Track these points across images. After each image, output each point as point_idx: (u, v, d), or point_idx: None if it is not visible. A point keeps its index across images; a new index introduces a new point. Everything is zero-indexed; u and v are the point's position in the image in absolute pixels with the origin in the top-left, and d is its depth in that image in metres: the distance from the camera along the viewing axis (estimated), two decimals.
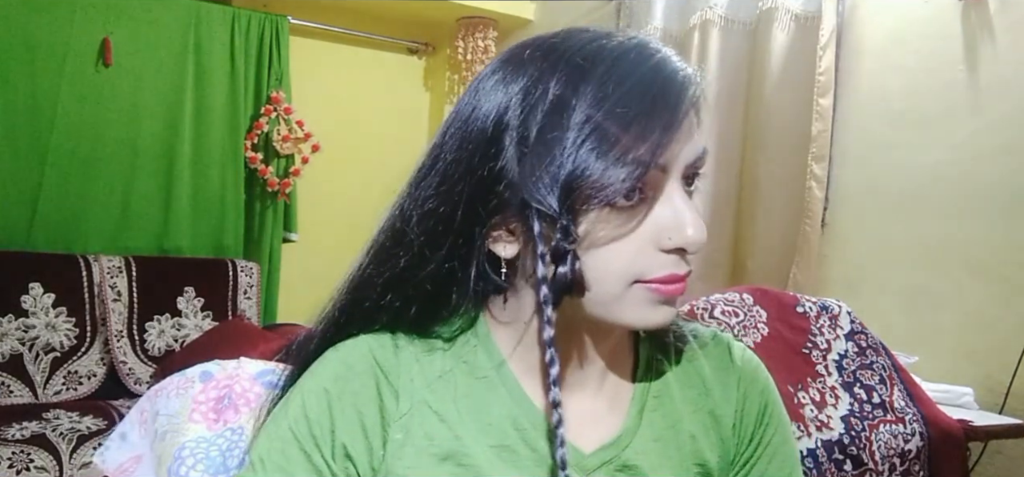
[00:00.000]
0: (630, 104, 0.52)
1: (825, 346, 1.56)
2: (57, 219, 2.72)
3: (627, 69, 0.54)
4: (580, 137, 0.52)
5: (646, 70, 0.54)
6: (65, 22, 2.69)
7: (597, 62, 0.54)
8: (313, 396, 0.60)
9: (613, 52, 0.55)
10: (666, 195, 0.55)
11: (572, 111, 0.52)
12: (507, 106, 0.55)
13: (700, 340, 0.69)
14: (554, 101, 0.53)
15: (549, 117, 0.53)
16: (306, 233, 3.25)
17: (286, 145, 3.12)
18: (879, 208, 2.03)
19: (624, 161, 0.51)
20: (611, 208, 0.53)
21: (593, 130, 0.52)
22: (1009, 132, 1.75)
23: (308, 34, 3.34)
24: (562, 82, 0.53)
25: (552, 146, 0.52)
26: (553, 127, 0.53)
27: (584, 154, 0.51)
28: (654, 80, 0.53)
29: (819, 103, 2.08)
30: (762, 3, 2.24)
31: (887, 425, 1.48)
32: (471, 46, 3.33)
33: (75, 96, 2.72)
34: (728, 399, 0.66)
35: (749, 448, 0.67)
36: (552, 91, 0.53)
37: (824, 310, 1.61)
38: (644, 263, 0.54)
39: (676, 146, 0.54)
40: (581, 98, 0.52)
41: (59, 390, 2.45)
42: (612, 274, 0.54)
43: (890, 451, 1.45)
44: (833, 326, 1.59)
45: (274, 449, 0.59)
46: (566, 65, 0.54)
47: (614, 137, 0.51)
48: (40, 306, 2.48)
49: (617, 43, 0.56)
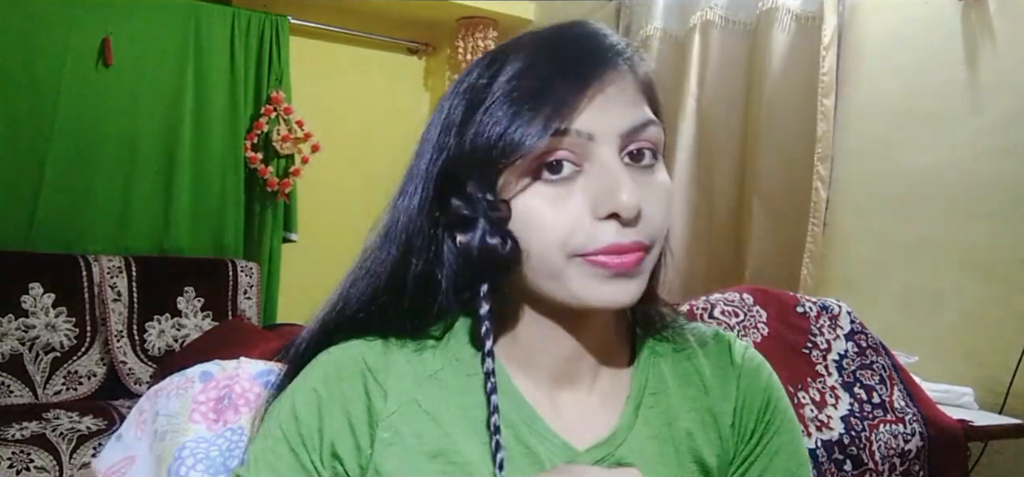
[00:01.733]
0: (542, 71, 0.54)
1: (825, 346, 1.56)
2: (57, 219, 2.72)
3: (545, 43, 0.56)
4: (493, 104, 0.54)
5: (562, 42, 0.56)
6: (65, 22, 2.69)
7: (522, 43, 0.57)
8: (302, 397, 0.61)
9: (539, 33, 0.58)
10: (599, 164, 0.54)
11: (493, 86, 0.55)
12: (451, 105, 0.58)
13: (700, 339, 0.68)
14: (481, 83, 0.56)
15: (474, 97, 0.56)
16: (306, 233, 3.25)
17: (286, 145, 3.12)
18: (879, 208, 2.03)
19: (532, 123, 0.52)
20: (542, 182, 0.54)
21: (505, 96, 0.54)
22: (1009, 132, 1.75)
23: (308, 34, 3.34)
24: (490, 65, 0.57)
25: (473, 121, 0.55)
26: (476, 105, 0.56)
27: (496, 119, 0.54)
28: (568, 49, 0.55)
29: (823, 104, 2.08)
30: (762, 3, 2.24)
31: (887, 425, 1.48)
32: (471, 46, 3.33)
33: (75, 96, 2.72)
34: (727, 396, 0.66)
35: (749, 445, 0.66)
36: (484, 76, 0.56)
37: (824, 310, 1.61)
38: (582, 235, 0.54)
39: (598, 113, 0.54)
40: (502, 73, 0.55)
41: (59, 390, 2.45)
42: (549, 246, 0.54)
43: (890, 451, 1.45)
44: (833, 326, 1.59)
45: (266, 448, 0.60)
46: (498, 52, 0.58)
47: (524, 102, 0.53)
48: (40, 306, 2.48)
49: (548, 27, 0.58)
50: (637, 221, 0.54)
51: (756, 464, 0.66)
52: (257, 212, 3.16)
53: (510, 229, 0.55)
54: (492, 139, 0.53)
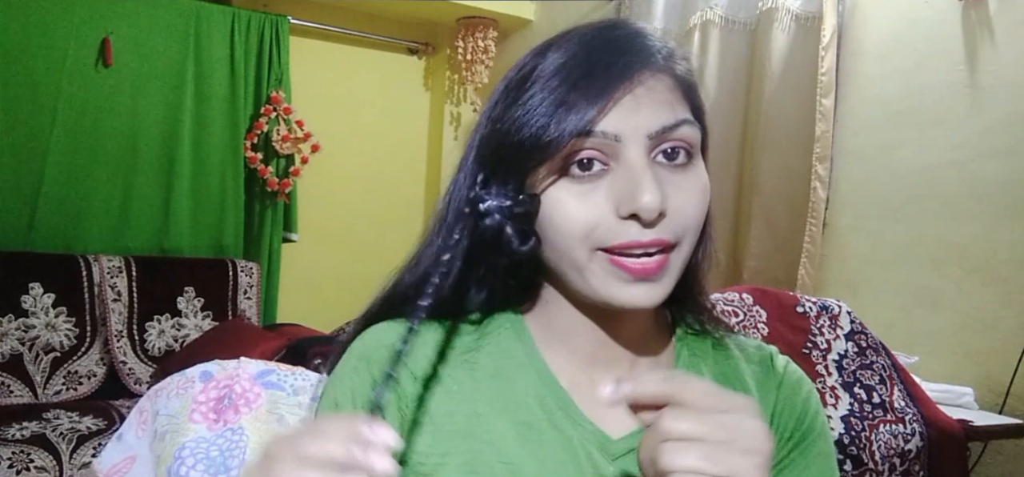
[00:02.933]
0: (576, 70, 0.56)
1: (825, 346, 1.56)
2: (57, 219, 2.72)
3: (583, 42, 0.58)
4: (529, 99, 0.56)
5: (600, 41, 0.57)
6: (65, 22, 2.69)
7: (565, 39, 0.59)
8: (339, 388, 0.63)
9: (582, 31, 0.59)
10: (626, 163, 0.55)
11: (530, 81, 0.57)
12: (498, 94, 0.61)
13: (740, 346, 0.69)
14: (522, 76, 0.58)
15: (515, 90, 0.58)
16: (306, 233, 3.25)
17: (286, 145, 3.12)
18: (879, 208, 2.03)
19: (559, 117, 0.54)
20: (570, 177, 0.56)
21: (540, 93, 0.56)
22: (1009, 132, 1.75)
23: (308, 34, 3.33)
24: (535, 57, 0.59)
25: (509, 114, 0.57)
26: (515, 97, 0.58)
27: (530, 114, 0.56)
28: (603, 50, 0.57)
29: (822, 104, 2.08)
30: (762, 3, 2.24)
31: (887, 425, 1.48)
32: (471, 46, 3.33)
33: (75, 96, 2.72)
34: (766, 400, 0.66)
35: (784, 449, 0.66)
36: (526, 67, 0.59)
37: (824, 310, 1.61)
38: (603, 230, 0.55)
39: (627, 114, 0.55)
40: (540, 68, 0.57)
41: (59, 390, 2.45)
42: (572, 239, 0.56)
43: (890, 451, 1.45)
44: (833, 326, 1.59)
45: None
46: (543, 45, 0.60)
47: (557, 100, 0.55)
48: (40, 306, 2.48)
49: (591, 25, 0.60)
50: (659, 220, 0.55)
51: (788, 470, 0.66)
52: (257, 212, 3.16)
53: (537, 225, 0.57)
54: (525, 133, 0.55)
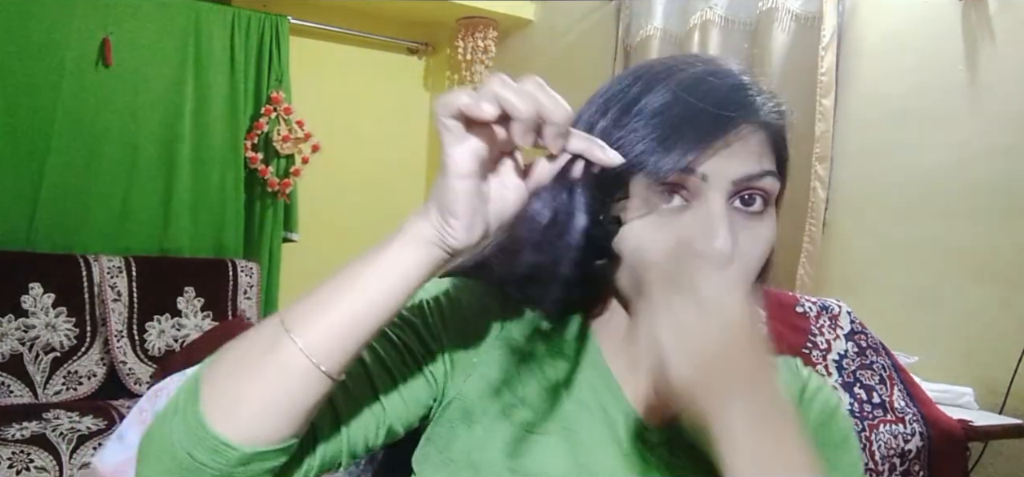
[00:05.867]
0: (681, 109, 0.58)
1: (825, 346, 1.56)
2: (57, 219, 2.72)
3: (692, 82, 0.60)
4: (633, 123, 0.59)
5: (708, 86, 0.60)
6: (65, 22, 2.69)
7: (672, 73, 0.61)
8: (436, 287, 0.68)
9: (688, 67, 0.62)
10: (706, 203, 0.58)
11: (637, 108, 0.60)
12: (595, 109, 0.63)
13: None
14: (628, 100, 0.61)
15: (620, 112, 0.60)
16: (306, 233, 3.25)
17: (286, 145, 3.12)
18: (879, 208, 2.03)
19: (658, 154, 0.57)
20: (653, 207, 0.59)
21: (646, 122, 0.58)
22: (1009, 132, 1.75)
23: (308, 34, 3.34)
24: (639, 86, 0.61)
25: (613, 134, 0.59)
26: (621, 120, 0.60)
27: (635, 139, 0.58)
28: (709, 95, 0.59)
29: (821, 104, 2.08)
30: (762, 3, 2.24)
31: (887, 425, 1.48)
32: (471, 46, 3.33)
33: (75, 96, 2.72)
34: (790, 399, 0.70)
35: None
36: (631, 92, 0.61)
37: (824, 310, 1.61)
38: (673, 263, 0.58)
39: (718, 159, 0.58)
40: (648, 95, 0.60)
41: (59, 390, 2.45)
42: (643, 264, 0.59)
43: (890, 451, 1.45)
44: (833, 326, 1.59)
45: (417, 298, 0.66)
46: (646, 74, 0.62)
47: (661, 135, 0.58)
48: (40, 306, 2.48)
49: (698, 62, 0.63)
50: (728, 264, 0.57)
51: None
52: (257, 212, 3.16)
53: (614, 244, 0.60)
54: (626, 157, 0.57)
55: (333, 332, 0.51)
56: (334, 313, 0.52)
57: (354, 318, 0.52)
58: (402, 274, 0.52)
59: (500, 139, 0.51)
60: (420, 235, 0.53)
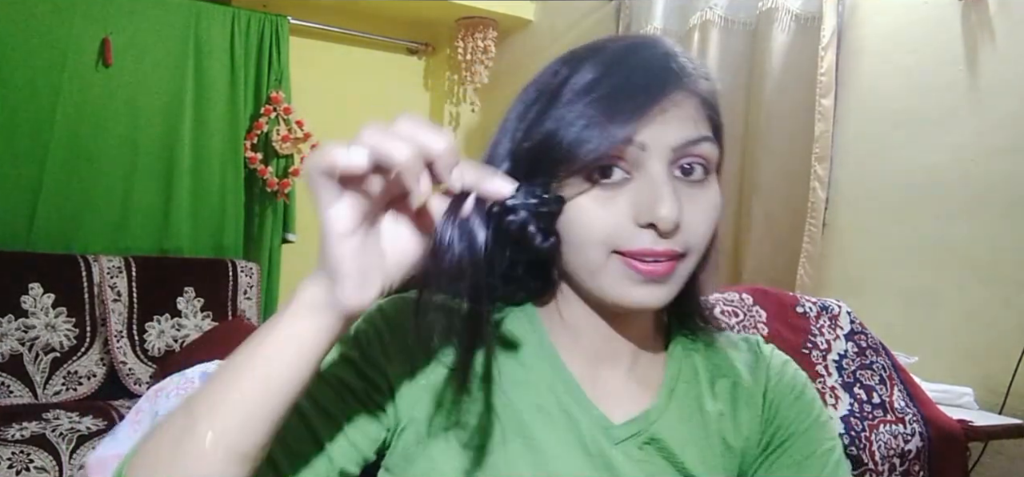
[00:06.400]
0: (613, 84, 0.58)
1: (825, 346, 1.56)
2: (57, 219, 2.73)
3: (620, 56, 0.60)
4: (564, 105, 0.58)
5: (636, 58, 0.60)
6: (65, 22, 2.69)
7: (599, 49, 0.61)
8: (372, 311, 0.65)
9: (617, 43, 0.62)
10: (647, 174, 0.58)
11: (565, 89, 0.59)
12: (528, 98, 0.63)
13: (730, 341, 0.73)
14: (558, 82, 0.60)
15: (551, 96, 0.60)
16: (306, 233, 3.25)
17: (286, 145, 3.12)
18: (879, 208, 2.03)
19: (595, 130, 0.56)
20: (594, 183, 0.58)
21: (576, 101, 0.58)
22: (1009, 132, 1.75)
23: (308, 34, 3.34)
24: (566, 64, 0.61)
25: (545, 117, 0.59)
26: (550, 103, 0.60)
27: (566, 121, 0.58)
28: (641, 66, 0.59)
29: (821, 104, 2.08)
30: (762, 3, 2.24)
31: (887, 425, 1.48)
32: (471, 46, 3.33)
33: (75, 96, 2.72)
34: (757, 384, 0.70)
35: (778, 434, 0.69)
36: (560, 75, 0.61)
37: (824, 310, 1.61)
38: (621, 234, 0.58)
39: (654, 127, 0.57)
40: (575, 77, 0.59)
41: (59, 390, 2.45)
42: (590, 241, 0.58)
43: (890, 451, 1.45)
44: (833, 326, 1.59)
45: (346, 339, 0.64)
46: (577, 53, 0.62)
47: (593, 109, 0.57)
48: (40, 306, 2.48)
49: (623, 39, 0.63)
50: (675, 232, 0.57)
51: (787, 452, 0.69)
52: (257, 212, 3.16)
53: (558, 225, 0.59)
54: (558, 139, 0.57)
55: (240, 416, 0.49)
56: (237, 395, 0.49)
57: (258, 400, 0.49)
58: (297, 348, 0.49)
59: (382, 189, 0.48)
60: (312, 302, 0.50)
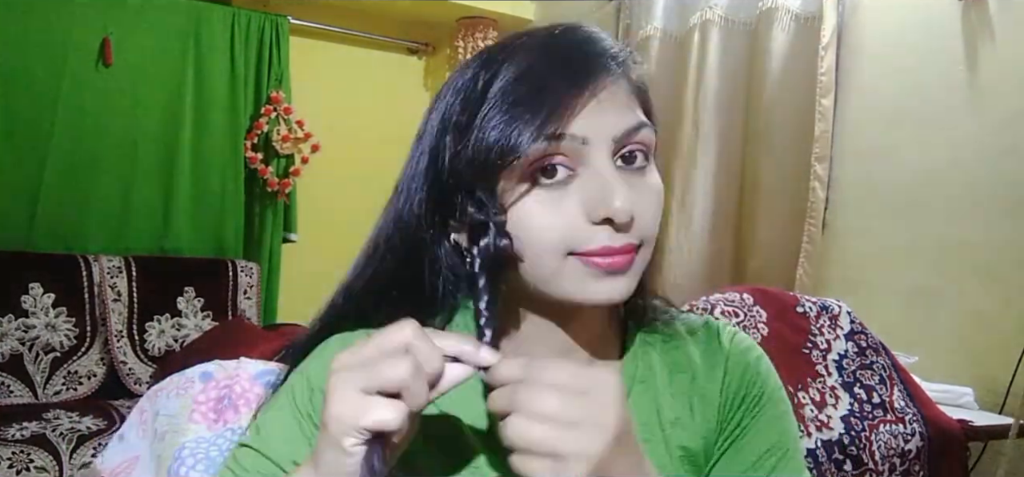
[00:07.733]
0: (537, 76, 0.55)
1: (825, 346, 1.56)
2: (57, 219, 2.72)
3: (541, 47, 0.57)
4: (490, 109, 0.55)
5: (558, 46, 0.57)
6: (65, 22, 2.68)
7: (517, 45, 0.58)
8: (316, 370, 0.62)
9: (535, 35, 0.59)
10: (593, 168, 0.55)
11: (490, 90, 0.56)
12: (448, 106, 0.59)
13: (690, 328, 0.70)
14: (479, 86, 0.57)
15: (472, 100, 0.57)
16: (306, 233, 3.25)
17: (286, 145, 3.12)
18: (879, 208, 2.03)
19: (529, 127, 0.53)
20: (537, 186, 0.55)
21: (502, 101, 0.55)
22: (1009, 132, 1.75)
23: (308, 34, 3.33)
24: (486, 65, 0.57)
25: (472, 125, 0.56)
26: (474, 109, 0.56)
27: (494, 123, 0.54)
28: (564, 54, 0.57)
29: (821, 104, 2.08)
30: (762, 3, 2.24)
31: (887, 425, 1.48)
32: (471, 46, 3.33)
33: (75, 96, 2.72)
34: (714, 378, 0.67)
35: (736, 416, 0.66)
36: (481, 78, 0.57)
37: (824, 310, 1.61)
38: (576, 235, 0.55)
39: (591, 118, 0.55)
40: (499, 77, 0.56)
41: (59, 390, 2.45)
42: (545, 247, 0.55)
43: (890, 451, 1.45)
44: (833, 326, 1.59)
45: (272, 416, 0.62)
46: (493, 54, 0.58)
47: (521, 106, 0.54)
48: (40, 306, 2.48)
49: (543, 29, 0.59)
50: (630, 225, 0.55)
51: (744, 437, 0.66)
52: (257, 212, 3.16)
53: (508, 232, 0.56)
54: (490, 143, 0.54)
55: None
56: None
57: None
58: None
59: None
60: None
